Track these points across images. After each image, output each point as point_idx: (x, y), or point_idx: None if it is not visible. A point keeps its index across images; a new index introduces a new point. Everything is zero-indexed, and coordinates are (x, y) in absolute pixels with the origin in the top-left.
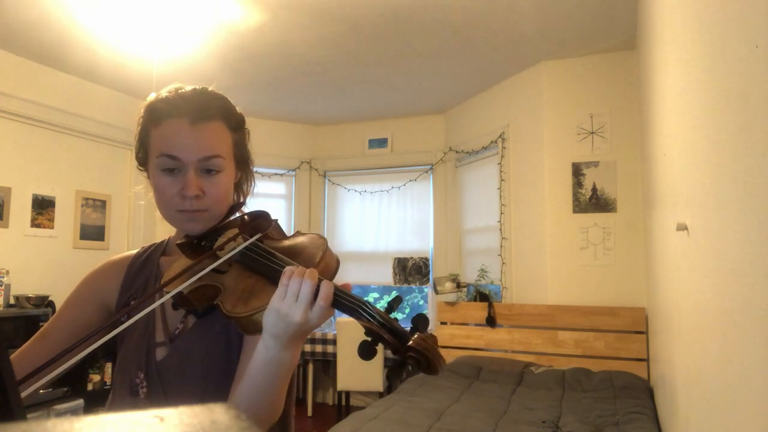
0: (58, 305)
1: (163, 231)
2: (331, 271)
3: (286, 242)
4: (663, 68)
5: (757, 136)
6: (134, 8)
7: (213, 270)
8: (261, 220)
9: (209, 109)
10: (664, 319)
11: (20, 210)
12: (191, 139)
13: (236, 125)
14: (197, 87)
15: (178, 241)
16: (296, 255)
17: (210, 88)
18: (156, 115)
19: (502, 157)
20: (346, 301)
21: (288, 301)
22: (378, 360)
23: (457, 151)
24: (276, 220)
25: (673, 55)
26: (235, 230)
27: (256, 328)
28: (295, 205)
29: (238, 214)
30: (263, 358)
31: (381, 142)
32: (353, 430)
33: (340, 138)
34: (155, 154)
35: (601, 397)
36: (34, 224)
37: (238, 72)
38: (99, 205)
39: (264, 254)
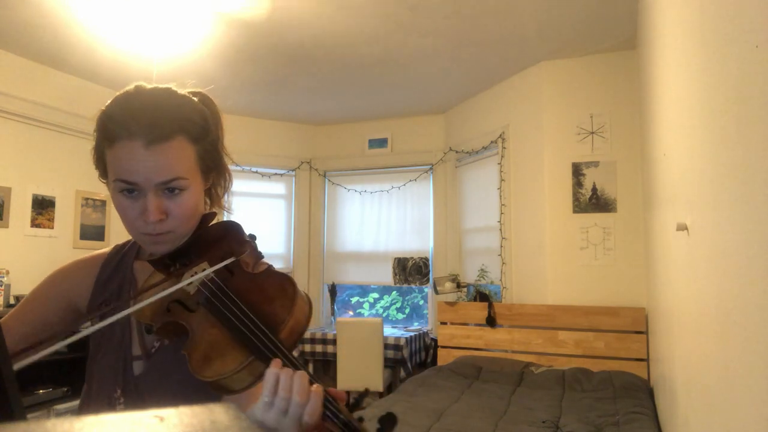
0: None
1: None
2: (301, 326)
3: (255, 283)
4: (663, 68)
5: (757, 136)
6: (134, 8)
7: (182, 306)
8: (233, 241)
9: (165, 127)
10: (664, 319)
11: (20, 210)
12: (147, 163)
13: (199, 135)
14: (157, 89)
15: (149, 258)
16: (264, 306)
17: (173, 87)
18: (108, 135)
19: (502, 157)
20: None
21: (274, 415)
22: (378, 360)
23: (457, 151)
24: (249, 237)
25: (673, 55)
26: (204, 264)
27: (223, 391)
28: (295, 205)
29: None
30: None
31: (381, 142)
32: None
33: (340, 138)
34: (112, 177)
35: (601, 397)
36: (34, 224)
37: (238, 72)
38: (99, 205)
39: (228, 305)
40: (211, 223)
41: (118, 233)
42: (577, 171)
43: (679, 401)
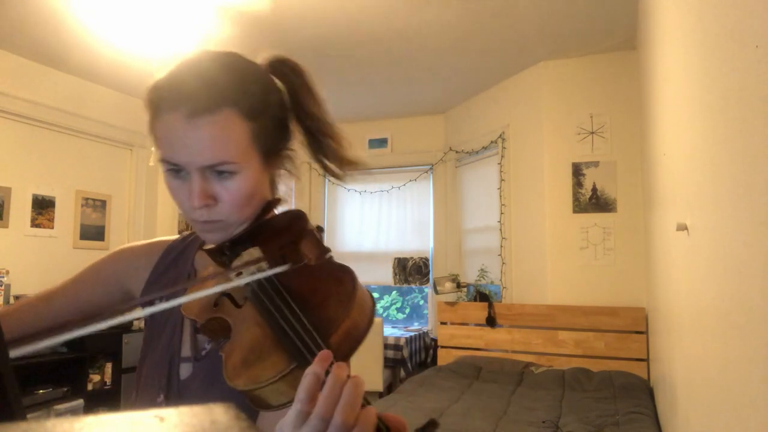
0: None
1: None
2: (359, 330)
3: (310, 275)
4: (663, 68)
5: (757, 136)
6: (134, 8)
7: (231, 300)
8: (295, 232)
9: (210, 97)
10: (664, 319)
11: (20, 210)
12: (188, 140)
13: (255, 109)
14: (215, 53)
15: (206, 247)
16: (316, 302)
17: (234, 53)
18: (152, 107)
19: (502, 157)
20: None
21: None
22: (378, 360)
23: (457, 151)
24: (316, 228)
25: (673, 55)
26: (257, 252)
27: (261, 405)
28: (295, 205)
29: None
30: None
31: (381, 142)
32: None
33: None
34: (158, 156)
35: (601, 397)
36: (34, 224)
37: None
38: (99, 205)
39: (273, 298)
40: (273, 212)
41: (118, 233)
42: (577, 171)
43: (679, 401)
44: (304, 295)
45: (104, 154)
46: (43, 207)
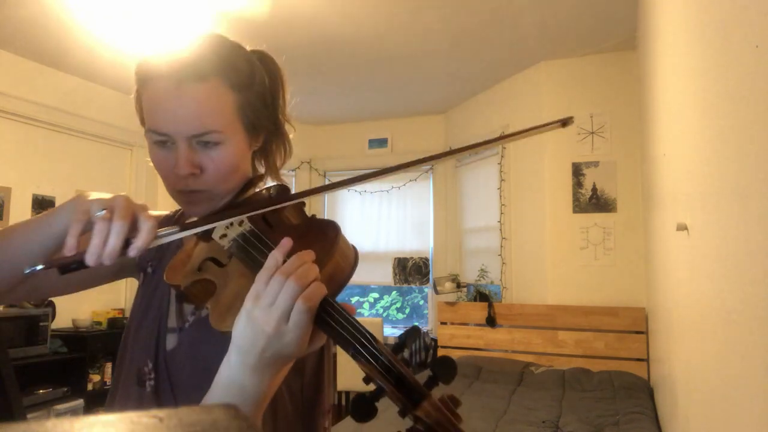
0: (59, 305)
1: None
2: (342, 273)
3: (294, 230)
4: (663, 68)
5: (757, 135)
6: (134, 8)
7: (214, 262)
8: (278, 202)
9: (200, 65)
10: (664, 319)
11: (20, 210)
12: (177, 108)
13: (241, 82)
14: (204, 33)
15: (190, 220)
16: (301, 248)
17: (219, 34)
18: (142, 75)
19: (502, 157)
20: (336, 322)
21: (262, 303)
22: None
23: None
24: (299, 201)
25: (673, 55)
26: (241, 216)
27: None
28: None
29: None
30: (224, 376)
31: (381, 142)
32: (353, 430)
33: (340, 138)
34: (146, 127)
35: (601, 397)
36: None
37: None
38: None
39: (257, 243)
40: (257, 188)
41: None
42: (577, 171)
43: (679, 401)
44: (292, 239)
45: (104, 154)
46: (43, 207)
